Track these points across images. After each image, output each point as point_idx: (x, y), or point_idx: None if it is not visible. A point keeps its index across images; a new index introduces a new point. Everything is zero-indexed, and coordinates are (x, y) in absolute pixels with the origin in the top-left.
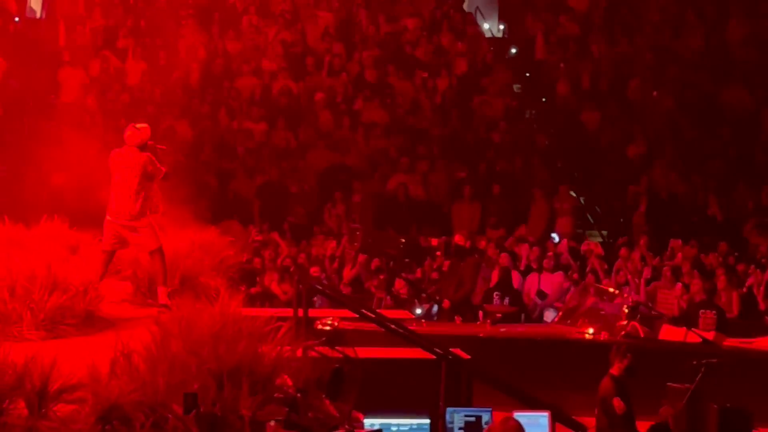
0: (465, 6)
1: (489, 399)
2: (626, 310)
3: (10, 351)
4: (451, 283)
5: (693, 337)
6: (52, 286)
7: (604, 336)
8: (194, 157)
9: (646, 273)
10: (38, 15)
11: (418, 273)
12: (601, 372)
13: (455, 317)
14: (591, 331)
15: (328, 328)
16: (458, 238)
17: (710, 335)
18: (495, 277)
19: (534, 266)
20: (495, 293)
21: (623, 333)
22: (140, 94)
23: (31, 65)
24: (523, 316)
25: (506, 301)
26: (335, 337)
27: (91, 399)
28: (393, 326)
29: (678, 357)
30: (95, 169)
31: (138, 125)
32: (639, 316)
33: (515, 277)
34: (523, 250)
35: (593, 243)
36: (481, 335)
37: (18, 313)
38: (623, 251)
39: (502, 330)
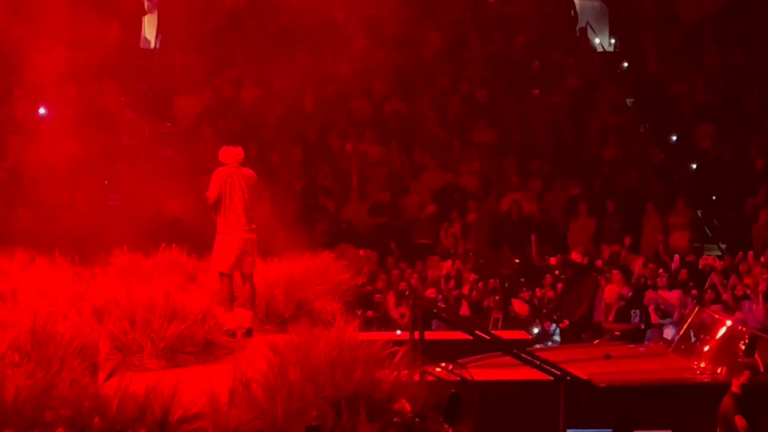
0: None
1: (608, 420)
2: (743, 347)
3: (132, 381)
4: (570, 302)
5: None
6: (172, 315)
7: (722, 374)
8: (308, 181)
9: (762, 287)
10: (153, 45)
11: (537, 292)
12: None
13: (582, 336)
14: (714, 370)
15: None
16: (575, 255)
17: None
18: (608, 294)
19: (650, 283)
20: (633, 311)
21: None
22: (253, 120)
23: (147, 95)
24: (648, 332)
25: (643, 318)
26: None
27: (211, 429)
28: (512, 350)
29: None
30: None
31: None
32: (756, 351)
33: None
34: (637, 266)
35: (711, 257)
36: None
37: (138, 343)
38: (742, 266)
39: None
